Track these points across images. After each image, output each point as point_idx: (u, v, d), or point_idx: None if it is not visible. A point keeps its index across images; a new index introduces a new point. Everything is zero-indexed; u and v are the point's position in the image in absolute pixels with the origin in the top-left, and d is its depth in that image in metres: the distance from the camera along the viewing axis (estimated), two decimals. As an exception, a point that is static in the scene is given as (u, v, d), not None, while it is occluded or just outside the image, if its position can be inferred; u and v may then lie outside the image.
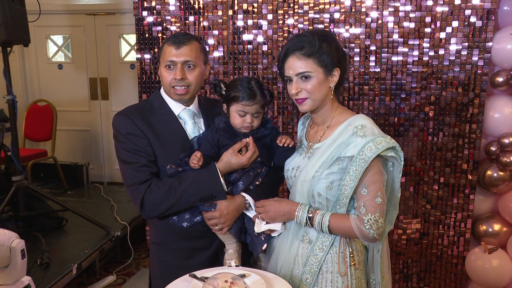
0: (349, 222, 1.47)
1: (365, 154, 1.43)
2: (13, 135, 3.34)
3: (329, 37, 1.53)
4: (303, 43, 1.49)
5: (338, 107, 1.59)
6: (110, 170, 5.42)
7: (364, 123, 1.49)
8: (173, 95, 1.73)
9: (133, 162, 1.66)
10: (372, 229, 1.44)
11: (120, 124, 1.71)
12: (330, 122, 1.57)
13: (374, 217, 1.44)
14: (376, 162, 1.46)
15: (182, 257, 1.74)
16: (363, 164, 1.43)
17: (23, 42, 3.35)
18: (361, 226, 1.45)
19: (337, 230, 1.51)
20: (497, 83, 2.58)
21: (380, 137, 1.45)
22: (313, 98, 1.53)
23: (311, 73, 1.49)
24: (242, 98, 1.61)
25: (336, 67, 1.51)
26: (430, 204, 2.78)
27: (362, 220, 1.45)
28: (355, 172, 1.45)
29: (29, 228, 3.48)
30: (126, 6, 4.94)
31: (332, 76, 1.52)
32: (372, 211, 1.45)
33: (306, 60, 1.49)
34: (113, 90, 5.31)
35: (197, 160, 1.60)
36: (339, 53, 1.53)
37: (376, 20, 2.64)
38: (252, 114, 1.64)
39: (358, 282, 1.56)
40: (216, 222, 1.63)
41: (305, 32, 1.56)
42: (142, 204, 1.64)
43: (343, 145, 1.48)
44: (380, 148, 1.43)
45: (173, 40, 1.68)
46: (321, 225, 1.50)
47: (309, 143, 1.62)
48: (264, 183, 1.70)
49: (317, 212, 1.51)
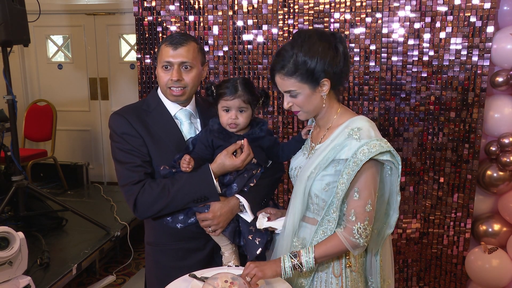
0: (336, 239, 1.45)
1: (358, 157, 1.40)
2: (13, 135, 3.34)
3: (312, 47, 1.44)
4: (284, 61, 1.45)
5: (339, 107, 1.56)
6: (110, 170, 5.42)
7: (361, 125, 1.46)
8: (169, 96, 1.72)
9: (128, 162, 1.66)
10: (362, 237, 1.43)
11: (116, 123, 1.71)
12: (331, 124, 1.55)
13: (363, 225, 1.43)
14: (370, 166, 1.43)
15: (177, 258, 1.74)
16: (355, 167, 1.41)
17: (23, 42, 3.35)
18: (350, 237, 1.44)
19: (327, 255, 1.46)
20: (497, 83, 2.58)
21: (375, 141, 1.42)
22: (305, 110, 1.53)
23: (296, 90, 1.48)
24: (224, 94, 1.63)
25: (324, 78, 1.45)
26: (430, 204, 2.78)
27: (351, 230, 1.43)
28: (347, 175, 1.42)
29: (29, 228, 3.47)
30: (126, 6, 4.94)
31: (322, 86, 1.47)
32: (362, 219, 1.43)
33: (289, 79, 1.46)
34: (113, 90, 5.31)
35: (186, 164, 1.59)
36: (326, 61, 1.44)
37: (376, 20, 2.64)
38: (236, 110, 1.63)
39: (354, 285, 1.54)
40: (209, 223, 1.63)
41: (286, 46, 1.48)
42: (135, 205, 1.64)
43: (339, 147, 1.46)
44: (373, 152, 1.40)
45: (170, 41, 1.67)
46: (310, 262, 1.44)
47: (311, 144, 1.61)
48: (259, 185, 1.70)
49: (301, 255, 1.45)
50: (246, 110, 1.64)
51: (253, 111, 1.67)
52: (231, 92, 1.62)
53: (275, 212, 1.69)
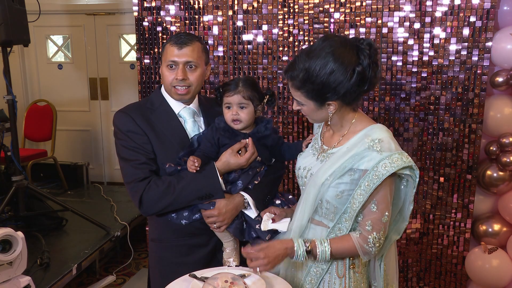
0: (351, 242, 1.46)
1: (379, 171, 1.39)
2: (13, 135, 3.34)
3: (324, 66, 1.38)
4: (294, 72, 1.44)
5: (355, 115, 1.52)
6: (110, 170, 5.42)
7: (381, 136, 1.43)
8: (174, 94, 1.74)
9: (133, 160, 1.68)
10: (375, 246, 1.45)
11: (120, 121, 1.72)
12: (346, 131, 1.51)
13: (378, 235, 1.44)
14: (390, 180, 1.42)
15: (180, 254, 1.76)
16: (376, 181, 1.39)
17: (23, 42, 3.35)
18: (364, 244, 1.44)
19: (338, 254, 1.48)
20: (497, 83, 2.58)
21: (397, 155, 1.40)
22: (312, 119, 1.55)
23: (302, 103, 1.49)
24: (226, 90, 1.66)
25: (330, 100, 1.43)
26: (430, 204, 2.78)
27: (366, 239, 1.44)
28: (366, 187, 1.41)
29: (29, 228, 3.48)
30: (126, 6, 4.94)
31: (328, 106, 1.45)
32: (378, 229, 1.44)
33: (296, 91, 1.47)
34: (113, 90, 5.31)
35: (192, 164, 1.61)
36: (337, 83, 1.39)
37: (376, 20, 2.64)
38: (237, 105, 1.65)
39: (357, 286, 1.55)
40: (215, 220, 1.65)
41: (303, 54, 1.44)
42: (140, 201, 1.66)
43: (358, 157, 1.43)
44: (396, 167, 1.39)
45: (175, 40, 1.69)
46: (325, 254, 1.46)
47: (323, 146, 1.58)
48: (263, 182, 1.72)
49: (315, 245, 1.47)
50: (247, 106, 1.66)
51: (256, 108, 1.68)
52: (232, 88, 1.65)
53: (279, 212, 1.69)
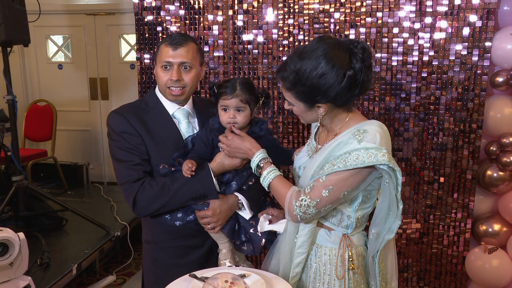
0: (287, 190, 1.49)
1: (349, 160, 1.38)
2: (13, 135, 3.34)
3: (315, 69, 1.38)
4: (285, 73, 1.45)
5: (349, 114, 1.51)
6: (110, 170, 5.41)
7: (368, 128, 1.41)
8: (168, 95, 1.74)
9: (127, 161, 1.67)
10: (300, 209, 1.44)
11: (114, 122, 1.72)
12: (339, 130, 1.51)
13: (310, 202, 1.43)
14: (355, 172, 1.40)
15: (175, 256, 1.75)
16: (342, 166, 1.38)
17: (23, 42, 3.35)
18: (293, 200, 1.45)
19: (274, 191, 1.54)
20: (497, 83, 2.57)
21: (373, 150, 1.37)
22: (303, 119, 1.56)
23: (292, 103, 1.50)
24: (223, 93, 1.64)
25: (320, 103, 1.43)
26: (430, 204, 2.78)
27: (299, 196, 1.44)
28: (330, 166, 1.41)
29: (29, 228, 3.48)
30: (126, 6, 4.94)
31: (318, 108, 1.46)
32: (313, 197, 1.42)
33: (286, 92, 1.49)
34: (113, 90, 5.31)
35: (188, 169, 1.61)
36: (326, 85, 1.39)
37: (376, 20, 2.64)
38: (234, 109, 1.63)
39: (357, 287, 1.54)
40: (209, 220, 1.65)
41: (294, 55, 1.44)
42: (134, 203, 1.65)
43: (341, 145, 1.43)
44: (366, 163, 1.36)
45: (170, 41, 1.68)
46: (265, 180, 1.54)
47: (317, 145, 1.60)
48: (258, 184, 1.69)
49: (268, 167, 1.54)
50: (244, 110, 1.65)
51: (252, 110, 1.67)
52: (229, 91, 1.63)
53: (277, 213, 1.69)
